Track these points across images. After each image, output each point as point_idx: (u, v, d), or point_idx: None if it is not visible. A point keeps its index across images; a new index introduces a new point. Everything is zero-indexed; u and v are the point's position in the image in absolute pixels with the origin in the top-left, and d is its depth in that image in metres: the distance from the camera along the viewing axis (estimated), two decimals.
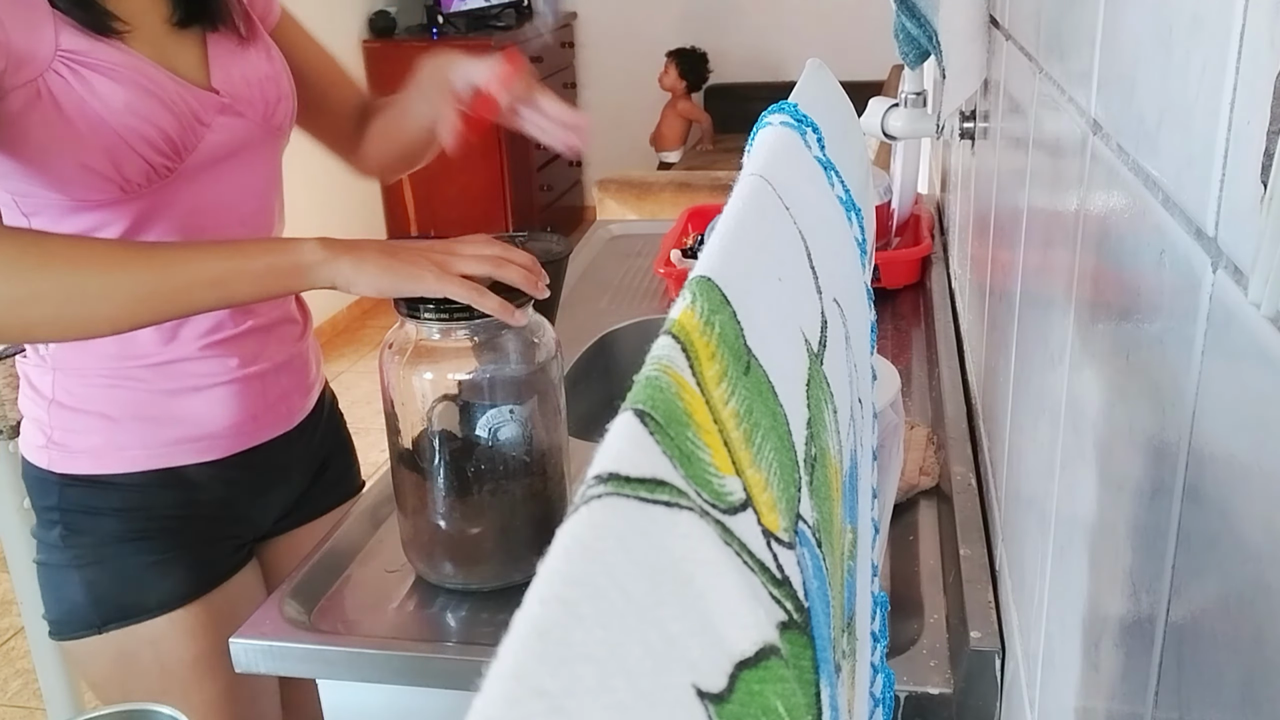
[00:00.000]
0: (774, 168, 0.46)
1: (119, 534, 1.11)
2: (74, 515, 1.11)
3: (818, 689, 0.31)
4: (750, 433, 0.31)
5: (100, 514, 1.11)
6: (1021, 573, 0.75)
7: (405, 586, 1.00)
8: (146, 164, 1.01)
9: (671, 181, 3.60)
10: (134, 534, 1.12)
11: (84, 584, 1.12)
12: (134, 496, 1.12)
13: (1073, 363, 0.57)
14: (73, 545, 1.11)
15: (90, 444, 1.10)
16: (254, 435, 1.18)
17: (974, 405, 1.16)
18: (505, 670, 0.18)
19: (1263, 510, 0.29)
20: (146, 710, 0.91)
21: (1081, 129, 0.56)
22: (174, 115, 1.03)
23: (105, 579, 1.12)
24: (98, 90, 0.98)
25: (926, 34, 1.21)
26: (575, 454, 1.22)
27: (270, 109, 1.13)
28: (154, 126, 1.01)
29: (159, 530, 1.13)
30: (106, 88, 0.98)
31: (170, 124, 1.02)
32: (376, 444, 3.46)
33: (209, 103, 1.06)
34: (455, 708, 0.91)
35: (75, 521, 1.11)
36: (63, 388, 1.10)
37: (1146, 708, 0.40)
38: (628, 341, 1.57)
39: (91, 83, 0.98)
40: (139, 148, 1.00)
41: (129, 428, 1.10)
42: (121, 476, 1.11)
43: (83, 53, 0.98)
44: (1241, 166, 0.31)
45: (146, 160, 1.01)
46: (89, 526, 1.11)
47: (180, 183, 1.05)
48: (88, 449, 1.10)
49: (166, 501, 1.13)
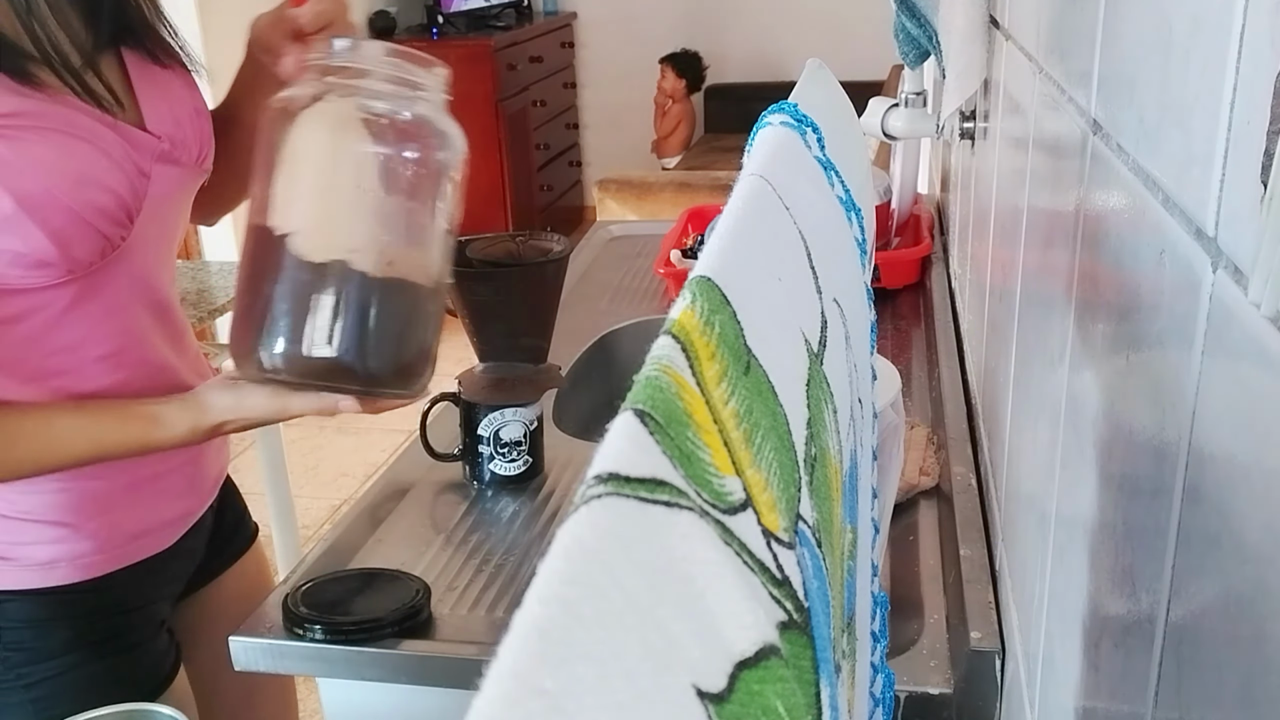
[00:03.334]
0: (774, 168, 0.46)
1: (68, 643, 0.98)
2: (18, 631, 0.96)
3: (818, 689, 0.31)
4: (750, 433, 0.31)
5: (49, 625, 0.97)
6: (1021, 573, 0.75)
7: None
8: (102, 237, 0.88)
9: (671, 181, 3.60)
10: (87, 641, 0.99)
11: (32, 704, 0.97)
12: (82, 602, 0.99)
13: (1073, 363, 0.57)
14: (16, 665, 0.96)
15: (42, 555, 0.96)
16: (195, 514, 1.08)
17: (974, 405, 1.16)
18: (505, 670, 0.18)
19: (1263, 510, 0.29)
20: (146, 710, 0.91)
21: (1081, 129, 0.56)
22: (122, 173, 0.89)
23: (58, 695, 0.97)
24: (40, 159, 0.83)
25: (926, 34, 1.21)
26: (575, 454, 1.22)
27: (203, 152, 1.00)
28: (109, 193, 0.87)
29: (106, 634, 1.00)
30: (52, 154, 0.83)
31: (120, 184, 0.89)
32: (377, 444, 3.46)
33: (147, 148, 0.92)
34: (455, 708, 0.91)
35: (20, 639, 0.96)
36: (4, 499, 0.94)
37: (1146, 708, 0.40)
38: (628, 341, 1.57)
39: (34, 152, 0.83)
40: (95, 221, 0.87)
41: (87, 531, 0.97)
42: (70, 585, 0.98)
43: (13, 113, 0.82)
44: (1241, 166, 0.31)
45: (102, 233, 0.88)
46: (36, 642, 0.97)
47: (124, 253, 0.92)
48: (39, 561, 0.96)
49: (112, 601, 1.01)
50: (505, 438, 1.14)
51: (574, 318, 1.57)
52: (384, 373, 0.91)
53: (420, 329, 0.94)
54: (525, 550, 1.04)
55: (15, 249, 0.84)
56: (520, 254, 1.27)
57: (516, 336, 1.24)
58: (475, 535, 1.07)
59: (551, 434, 1.23)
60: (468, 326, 1.25)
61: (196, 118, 1.00)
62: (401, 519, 1.11)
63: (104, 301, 0.93)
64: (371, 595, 0.95)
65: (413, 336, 0.93)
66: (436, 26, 4.67)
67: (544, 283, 1.26)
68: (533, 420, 1.15)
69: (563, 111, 5.20)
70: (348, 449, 3.29)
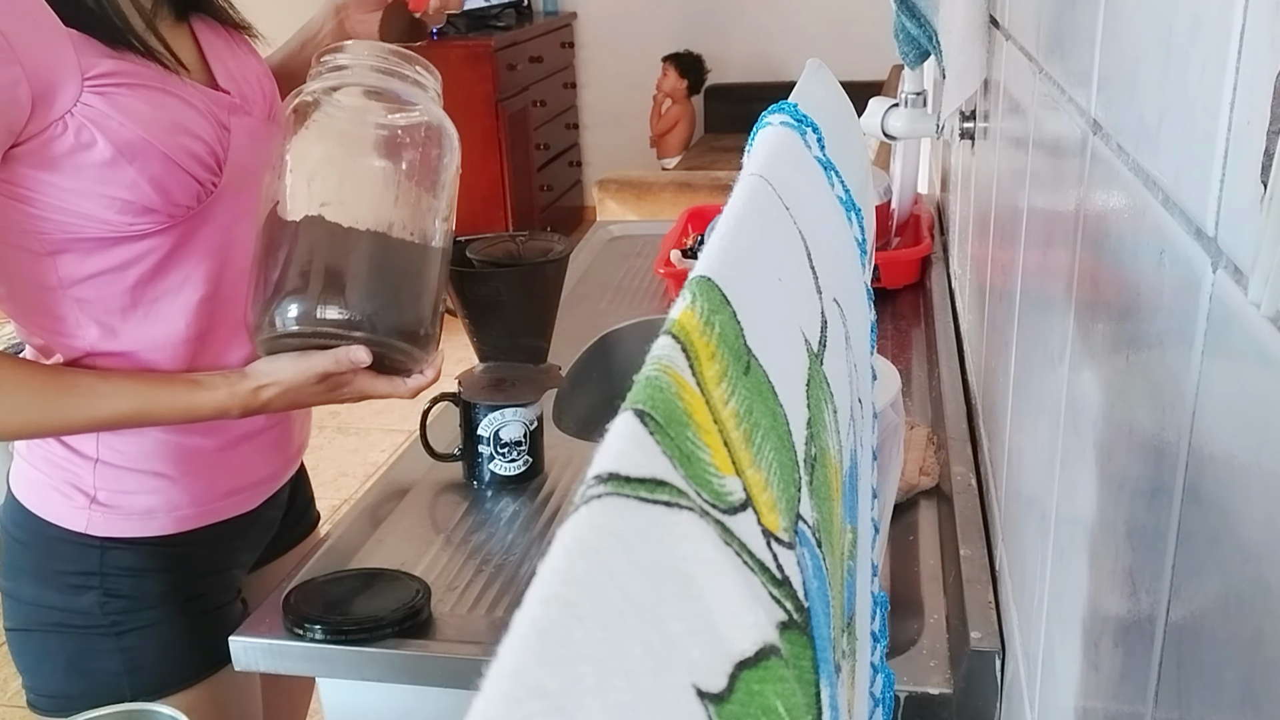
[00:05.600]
0: (774, 168, 0.46)
1: (162, 596, 1.05)
2: (117, 579, 1.03)
3: (818, 689, 0.31)
4: (750, 433, 0.31)
5: (145, 575, 1.04)
6: (1021, 573, 0.75)
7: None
8: (196, 183, 0.96)
9: (671, 181, 3.60)
10: (176, 596, 1.06)
11: (120, 653, 1.04)
12: (177, 555, 1.06)
13: (1073, 363, 0.57)
14: (113, 611, 1.03)
15: (142, 504, 1.03)
16: (280, 479, 1.15)
17: (974, 405, 1.16)
18: (505, 670, 0.18)
19: (1263, 510, 0.29)
20: (147, 710, 0.91)
21: (1081, 129, 0.56)
22: (209, 124, 0.97)
23: (147, 646, 1.05)
24: (137, 112, 0.91)
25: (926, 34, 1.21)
26: (575, 454, 1.22)
27: (269, 104, 1.08)
28: (199, 140, 0.96)
29: (195, 591, 1.08)
30: (145, 107, 0.92)
31: (209, 134, 0.97)
32: (377, 444, 3.46)
33: (224, 104, 1.01)
34: (455, 708, 0.91)
35: (118, 586, 1.03)
36: (109, 446, 1.02)
37: (1146, 708, 0.40)
38: (628, 341, 1.57)
39: (128, 105, 0.91)
40: (188, 166, 0.95)
41: (183, 485, 1.05)
42: (167, 536, 1.05)
43: (109, 73, 0.90)
44: (1241, 166, 0.31)
45: (196, 179, 0.96)
46: (132, 590, 1.04)
47: (217, 198, 0.99)
48: (140, 509, 1.03)
49: (201, 559, 1.08)
50: (505, 438, 1.14)
51: (574, 318, 1.57)
52: (391, 329, 0.98)
53: (424, 294, 1.02)
54: (525, 550, 1.05)
55: (122, 196, 0.92)
56: (520, 254, 1.27)
57: (516, 336, 1.24)
58: (475, 535, 1.07)
59: (551, 434, 1.23)
60: (468, 326, 1.25)
61: (262, 76, 1.09)
62: (401, 519, 1.11)
63: (200, 247, 1.00)
64: (371, 595, 0.95)
65: (417, 299, 1.01)
66: (436, 26, 4.67)
67: (544, 283, 1.25)
68: (533, 420, 1.15)
69: (563, 111, 5.20)
70: (348, 449, 3.29)
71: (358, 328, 0.97)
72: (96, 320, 0.99)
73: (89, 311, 0.98)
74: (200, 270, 1.01)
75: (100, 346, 0.99)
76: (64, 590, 1.03)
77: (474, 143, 4.56)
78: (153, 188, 0.93)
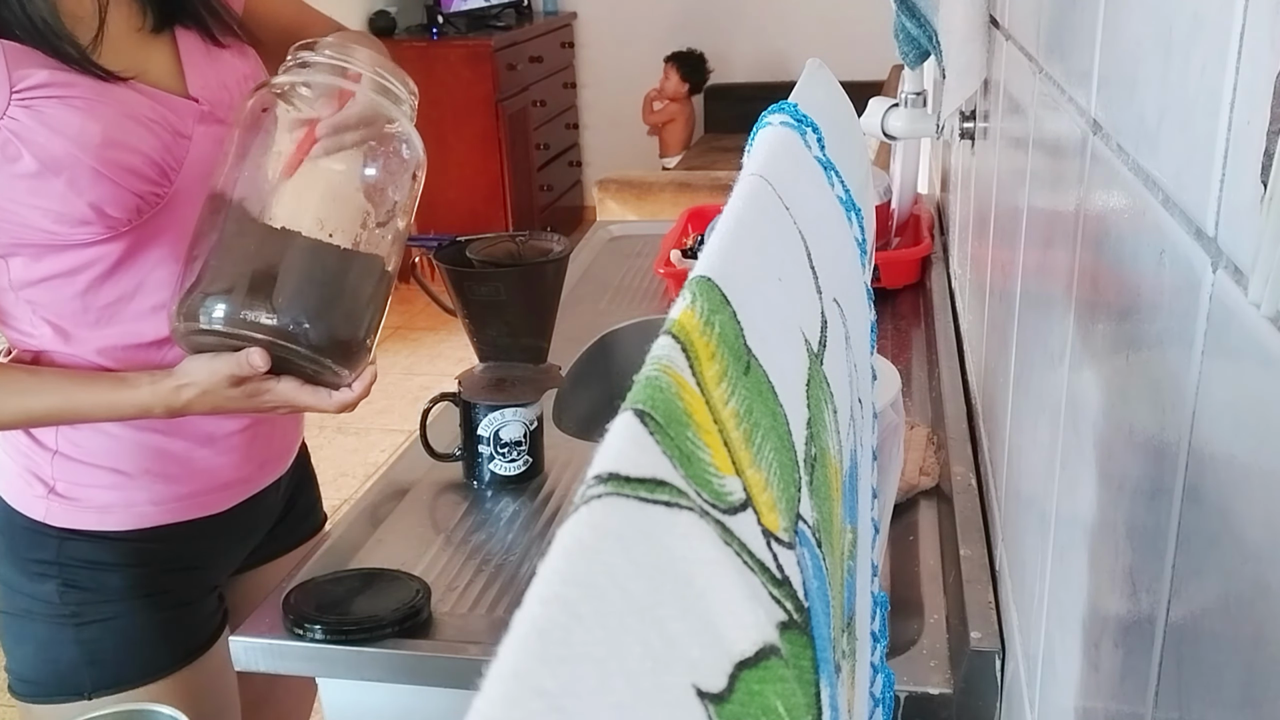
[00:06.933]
0: (774, 168, 0.46)
1: (122, 591, 1.05)
2: (75, 570, 1.04)
3: (818, 689, 0.31)
4: (750, 433, 0.31)
5: (104, 569, 1.05)
6: (1021, 573, 0.75)
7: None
8: (135, 197, 0.95)
9: (671, 181, 3.60)
10: (138, 591, 1.06)
11: (79, 644, 1.04)
12: (139, 551, 1.06)
13: (1073, 363, 0.57)
14: (71, 602, 1.04)
15: (99, 500, 1.04)
16: (256, 483, 1.14)
17: (974, 405, 1.16)
18: (505, 670, 0.18)
19: (1263, 510, 0.29)
20: (146, 710, 0.91)
21: (1081, 129, 0.56)
22: (154, 135, 0.95)
23: (107, 639, 1.05)
24: (66, 125, 0.90)
25: (926, 34, 1.21)
26: (575, 454, 1.22)
27: None
28: (136, 154, 0.94)
29: (159, 587, 1.07)
30: (76, 119, 0.90)
31: (153, 146, 0.95)
32: (377, 444, 3.46)
33: (187, 112, 0.99)
34: (455, 708, 0.91)
35: (76, 577, 1.04)
36: (67, 439, 1.03)
37: (1146, 708, 0.40)
38: (628, 341, 1.57)
39: (57, 117, 0.90)
40: (122, 180, 0.93)
41: (141, 483, 1.05)
42: (127, 532, 1.05)
43: (41, 84, 0.90)
44: (1241, 166, 0.31)
45: (134, 193, 0.94)
46: (91, 582, 1.04)
47: (169, 207, 0.98)
48: (97, 505, 1.04)
49: (167, 556, 1.08)
50: (505, 438, 1.14)
51: (574, 318, 1.57)
52: (317, 338, 0.95)
53: (358, 306, 0.99)
54: (525, 550, 1.04)
55: (54, 208, 0.92)
56: (520, 254, 1.27)
57: (516, 336, 1.24)
58: (475, 535, 1.07)
59: (551, 434, 1.23)
60: (468, 326, 1.25)
61: (245, 82, 1.06)
62: (401, 519, 1.11)
63: (155, 254, 1.00)
64: (371, 595, 0.95)
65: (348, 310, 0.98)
66: (436, 26, 4.67)
67: (544, 283, 1.26)
68: (533, 420, 1.15)
69: (563, 111, 5.20)
70: (348, 449, 3.29)
71: (274, 333, 0.94)
72: (49, 322, 0.99)
73: (41, 313, 0.99)
74: (156, 276, 1.00)
75: (55, 348, 1.00)
76: (29, 576, 1.04)
77: (474, 143, 4.56)
78: (84, 201, 0.92)
